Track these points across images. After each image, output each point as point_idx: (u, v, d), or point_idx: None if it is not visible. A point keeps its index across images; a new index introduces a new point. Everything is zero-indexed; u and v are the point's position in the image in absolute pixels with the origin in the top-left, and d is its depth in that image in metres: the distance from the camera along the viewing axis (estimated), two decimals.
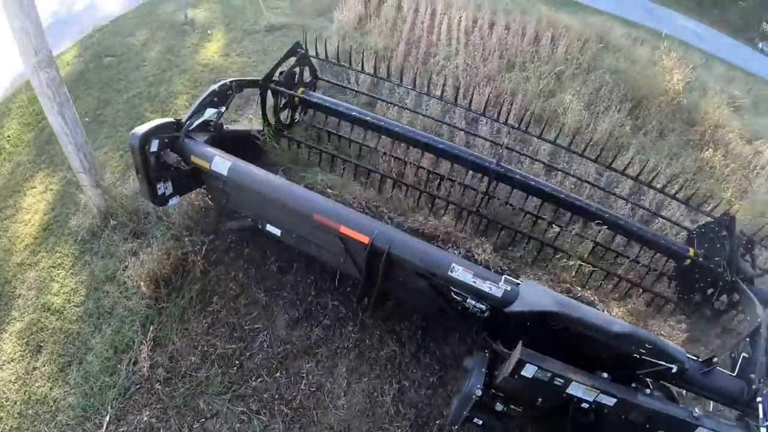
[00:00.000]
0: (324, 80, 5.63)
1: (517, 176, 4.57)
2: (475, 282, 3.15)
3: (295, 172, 4.90)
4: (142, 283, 4.20)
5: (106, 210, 4.86)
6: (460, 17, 7.90)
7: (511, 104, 6.26)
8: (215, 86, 4.23)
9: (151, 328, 4.09)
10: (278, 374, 3.94)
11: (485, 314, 3.25)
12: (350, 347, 4.07)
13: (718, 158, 7.04)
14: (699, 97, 8.28)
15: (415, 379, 3.97)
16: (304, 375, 3.94)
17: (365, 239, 3.30)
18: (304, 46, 5.09)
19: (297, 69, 5.04)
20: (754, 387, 3.15)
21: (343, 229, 3.35)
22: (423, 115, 5.36)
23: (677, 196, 4.75)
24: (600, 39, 8.32)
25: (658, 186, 4.83)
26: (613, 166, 4.69)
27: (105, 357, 4.02)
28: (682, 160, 6.61)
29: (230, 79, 4.38)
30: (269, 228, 4.05)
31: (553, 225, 4.65)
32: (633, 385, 3.08)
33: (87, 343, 4.14)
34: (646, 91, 7.27)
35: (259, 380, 3.90)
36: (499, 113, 5.20)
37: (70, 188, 5.39)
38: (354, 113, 4.92)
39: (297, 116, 5.43)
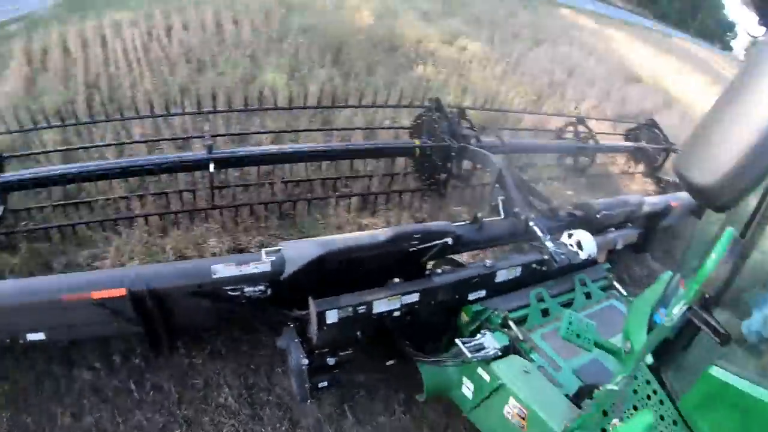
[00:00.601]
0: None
1: (240, 153, 4.45)
2: (240, 270, 3.09)
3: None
4: None
5: None
6: (132, 35, 7.18)
7: (214, 107, 5.88)
8: None
9: None
10: None
11: (268, 293, 3.22)
12: None
13: (430, 69, 7.50)
14: (392, 21, 8.73)
15: None
16: None
17: (121, 292, 2.96)
18: None
19: None
20: (523, 218, 3.61)
21: (95, 294, 2.95)
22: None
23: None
24: (281, 2, 8.23)
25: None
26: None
27: None
28: (399, 87, 6.83)
29: None
30: (30, 337, 3.35)
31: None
32: (427, 273, 3.37)
33: None
34: (342, 36, 7.40)
35: None
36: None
37: None
38: (59, 171, 4.15)
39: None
